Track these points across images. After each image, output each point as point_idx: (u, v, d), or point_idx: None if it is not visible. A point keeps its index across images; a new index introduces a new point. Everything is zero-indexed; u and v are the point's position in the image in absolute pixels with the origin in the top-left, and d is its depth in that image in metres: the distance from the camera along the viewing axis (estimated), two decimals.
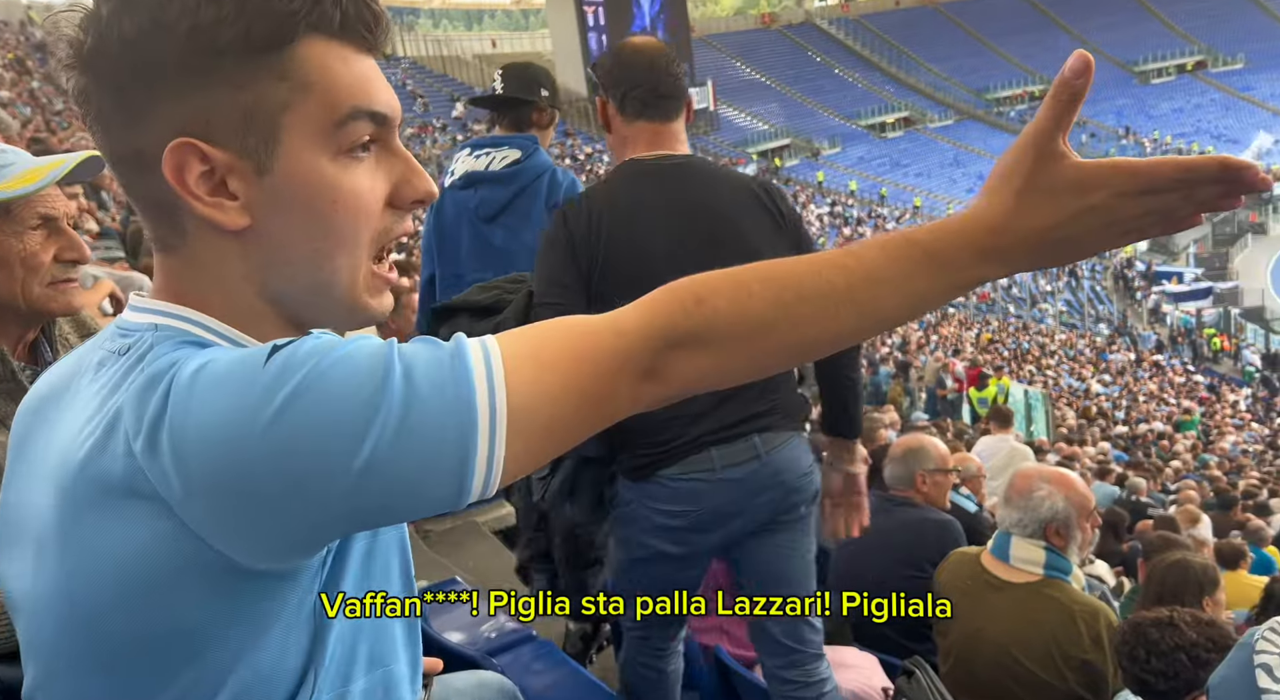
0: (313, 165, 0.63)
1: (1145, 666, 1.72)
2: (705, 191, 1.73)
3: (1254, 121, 42.21)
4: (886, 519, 2.79)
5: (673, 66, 1.78)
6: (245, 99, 0.62)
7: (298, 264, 0.66)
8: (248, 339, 0.66)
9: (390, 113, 0.67)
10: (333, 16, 0.63)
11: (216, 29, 0.60)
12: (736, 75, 46.79)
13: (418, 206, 0.70)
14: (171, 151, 0.61)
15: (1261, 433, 16.52)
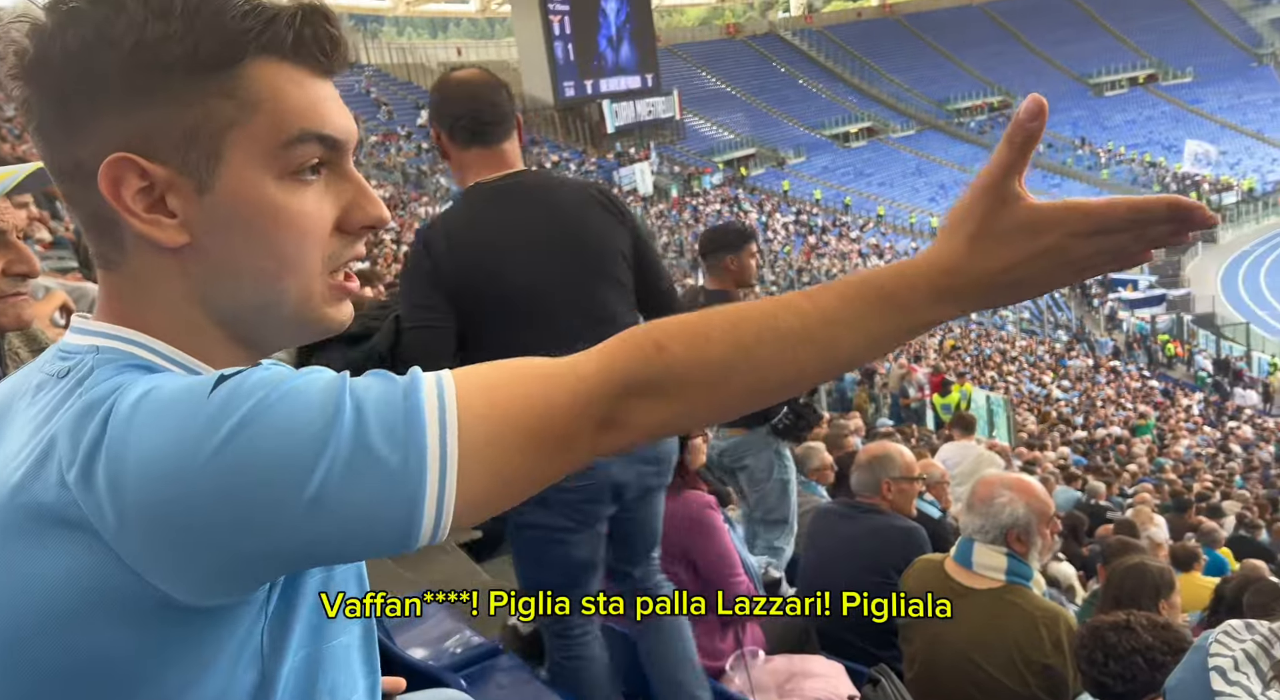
0: (256, 185, 0.62)
1: (1103, 669, 1.75)
2: (549, 200, 1.91)
3: (1202, 133, 43.40)
4: (852, 526, 2.82)
5: (494, 95, 1.92)
6: (189, 116, 0.61)
7: (241, 283, 0.64)
8: (193, 361, 0.65)
9: (342, 137, 0.66)
10: (285, 38, 0.62)
11: (162, 46, 0.59)
12: (702, 85, 47.10)
13: (367, 232, 0.68)
14: (109, 166, 0.60)
15: (1213, 436, 16.94)
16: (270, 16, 0.62)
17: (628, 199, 31.98)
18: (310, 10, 0.64)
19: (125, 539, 0.53)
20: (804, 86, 48.76)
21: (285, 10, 0.63)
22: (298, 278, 0.65)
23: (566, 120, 38.44)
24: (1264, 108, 45.27)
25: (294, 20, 0.63)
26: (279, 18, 0.62)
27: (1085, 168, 41.78)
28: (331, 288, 0.67)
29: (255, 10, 0.61)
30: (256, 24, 0.61)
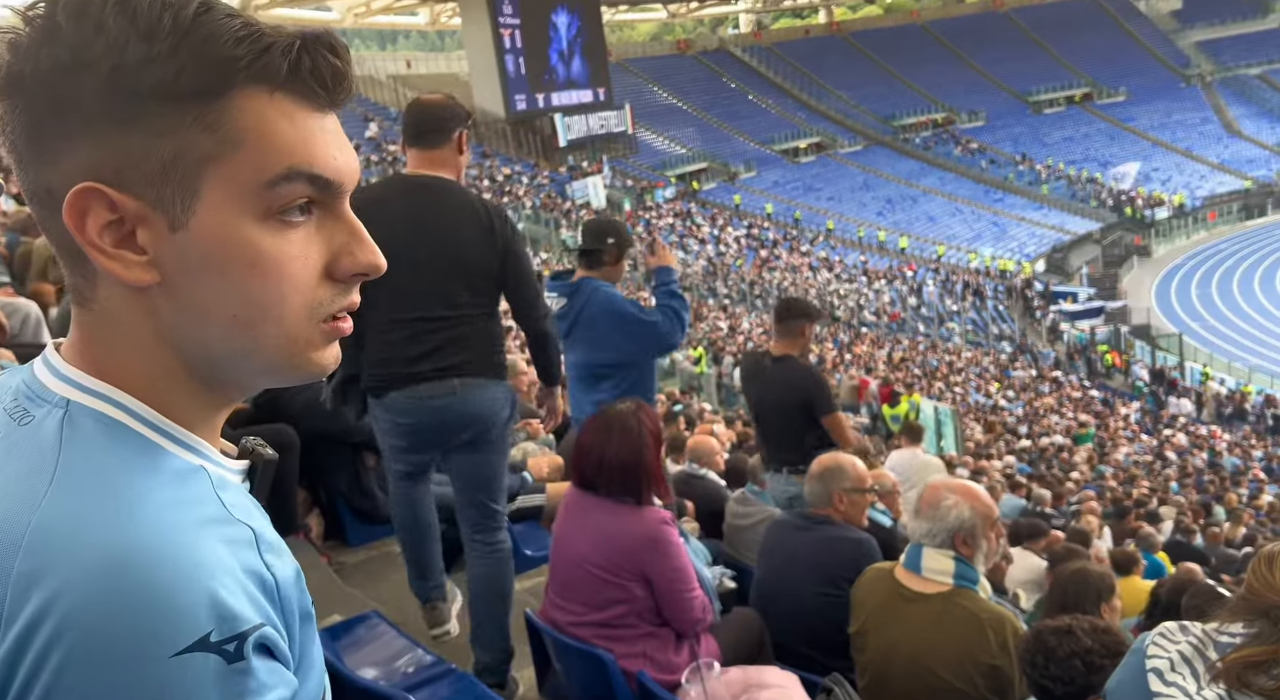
0: (233, 226, 0.57)
1: (1044, 672, 1.80)
2: (437, 204, 2.32)
3: (1136, 150, 45.08)
4: (804, 537, 2.84)
5: (440, 110, 2.38)
6: (165, 147, 0.56)
7: (212, 329, 0.59)
8: (162, 421, 0.60)
9: (334, 177, 0.60)
10: (279, 67, 0.58)
11: (142, 70, 0.55)
12: (654, 100, 47.44)
13: (358, 280, 0.63)
14: (75, 196, 0.56)
15: (1150, 444, 17.50)
16: (266, 45, 0.57)
17: (580, 212, 32.04)
18: (313, 39, 0.59)
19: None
20: (754, 102, 49.43)
21: (283, 38, 0.58)
22: (276, 326, 0.60)
23: (518, 133, 38.36)
24: (1192, 126, 47.22)
25: (291, 49, 0.58)
26: (275, 46, 0.58)
27: (1026, 183, 43.03)
28: (321, 331, 0.62)
29: (251, 37, 0.57)
30: (249, 52, 0.57)
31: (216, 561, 0.53)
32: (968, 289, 32.40)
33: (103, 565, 0.50)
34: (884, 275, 33.13)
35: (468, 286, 2.32)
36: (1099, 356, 25.77)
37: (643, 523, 2.31)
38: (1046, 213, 40.75)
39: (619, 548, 2.30)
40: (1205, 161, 44.44)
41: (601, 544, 2.33)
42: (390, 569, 3.72)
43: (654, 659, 2.33)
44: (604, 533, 2.33)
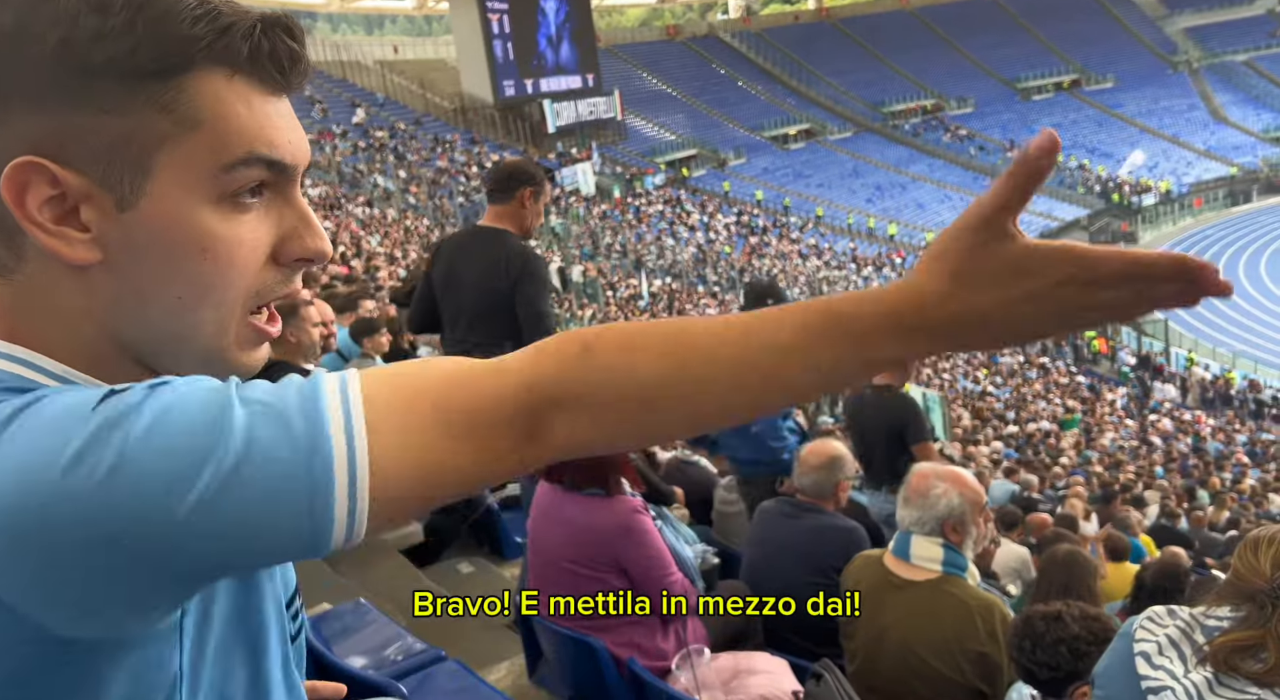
0: (186, 209, 0.56)
1: (1030, 657, 1.81)
2: (489, 250, 2.87)
3: (1124, 137, 45.22)
4: (794, 525, 2.85)
5: (509, 172, 2.98)
6: (116, 125, 0.54)
7: (152, 311, 0.58)
8: (92, 380, 0.58)
9: (290, 161, 0.59)
10: (239, 49, 0.56)
11: (94, 45, 0.52)
12: (643, 86, 47.22)
13: (304, 265, 0.62)
14: (15, 169, 0.53)
15: (1135, 429, 17.65)
16: (225, 25, 0.55)
17: (570, 199, 31.92)
18: (272, 22, 0.58)
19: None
20: (743, 88, 49.26)
21: (243, 19, 0.56)
22: (216, 311, 0.59)
23: (507, 119, 38.15)
24: (1179, 113, 47.38)
25: (252, 31, 0.56)
26: (235, 27, 0.56)
27: None
28: (250, 328, 0.61)
29: (209, 16, 0.55)
30: (209, 32, 0.55)
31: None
32: None
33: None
34: (873, 262, 33.19)
35: (501, 313, 2.82)
36: (1085, 343, 25.93)
37: (613, 513, 2.30)
38: (1035, 199, 40.37)
39: (592, 540, 2.30)
40: (1192, 148, 44.62)
41: (574, 538, 2.32)
42: (380, 557, 3.72)
43: (641, 646, 2.33)
44: (575, 526, 2.33)
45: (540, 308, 2.82)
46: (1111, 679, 1.27)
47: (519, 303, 2.80)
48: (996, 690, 2.11)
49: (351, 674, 1.90)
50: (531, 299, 2.80)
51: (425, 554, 3.94)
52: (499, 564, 3.96)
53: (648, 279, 25.13)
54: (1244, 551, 1.25)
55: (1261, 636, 1.18)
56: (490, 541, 4.17)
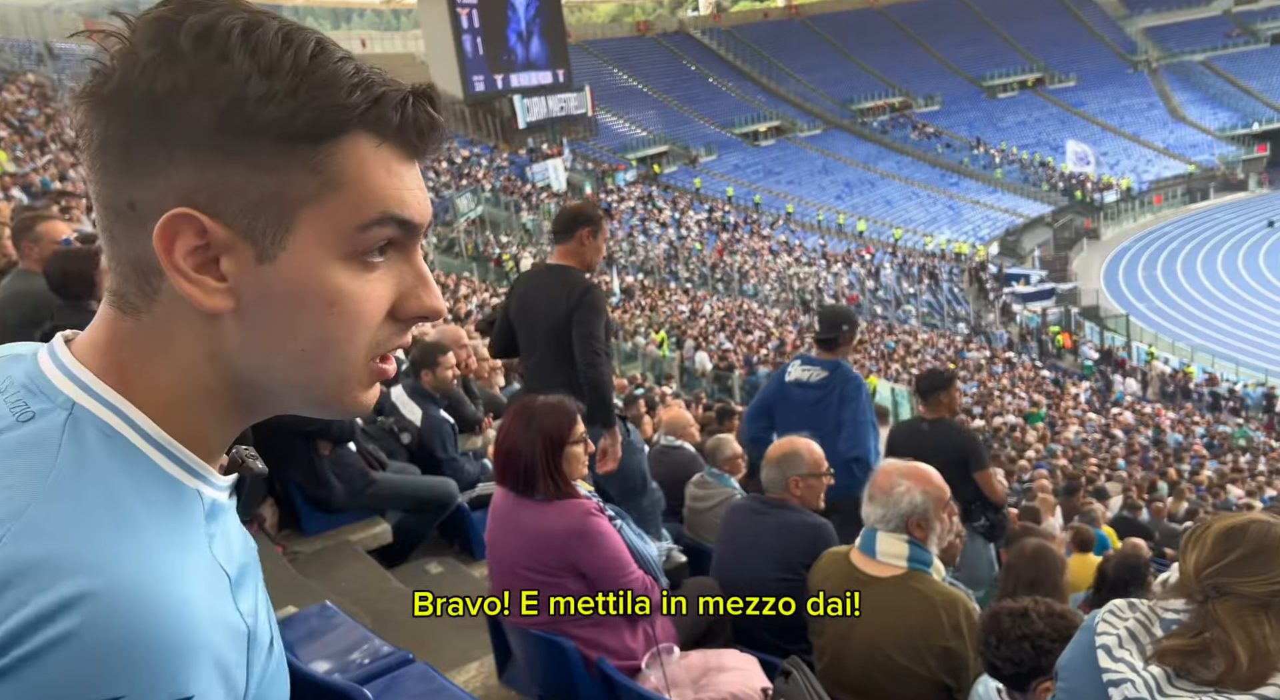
0: (321, 265, 0.58)
1: (995, 653, 1.83)
2: (553, 284, 3.26)
3: (1086, 135, 45.95)
4: (762, 522, 2.86)
5: (570, 214, 3.34)
6: (266, 182, 0.56)
7: (275, 360, 0.60)
8: (172, 444, 0.59)
9: (419, 220, 0.62)
10: (391, 119, 0.58)
11: (260, 107, 0.55)
12: (614, 82, 47.13)
13: (419, 320, 0.64)
14: (170, 219, 0.55)
15: (1099, 422, 17.97)
16: (379, 95, 0.58)
17: (541, 195, 31.78)
18: (420, 93, 0.61)
19: None
20: (714, 85, 49.36)
21: (396, 90, 0.59)
22: (339, 364, 0.61)
23: (477, 115, 37.87)
24: (1139, 112, 48.27)
25: (404, 103, 0.59)
26: (388, 97, 0.58)
27: (980, 167, 43.67)
28: (370, 372, 0.63)
29: (365, 85, 0.57)
30: (364, 101, 0.57)
31: (206, 623, 0.53)
32: (924, 272, 32.86)
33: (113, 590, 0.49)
34: (843, 258, 33.45)
35: (565, 339, 3.18)
36: (1050, 337, 26.35)
37: (567, 517, 2.28)
38: (1000, 196, 41.41)
39: (546, 546, 2.28)
40: (1151, 146, 45.49)
41: (528, 545, 2.30)
42: (347, 558, 3.68)
43: (608, 647, 2.33)
44: (528, 532, 2.31)
45: (590, 330, 3.16)
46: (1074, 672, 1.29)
47: (575, 325, 3.16)
48: (962, 684, 2.14)
49: (315, 680, 1.87)
50: (584, 322, 3.16)
51: (393, 554, 3.91)
52: (468, 564, 3.93)
53: (619, 275, 25.10)
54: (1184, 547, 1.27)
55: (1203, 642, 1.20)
56: (460, 541, 4.14)
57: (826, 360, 4.13)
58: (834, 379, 4.07)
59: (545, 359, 3.29)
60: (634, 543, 2.41)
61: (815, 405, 4.04)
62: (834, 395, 4.03)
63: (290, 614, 2.61)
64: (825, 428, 3.80)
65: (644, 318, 21.07)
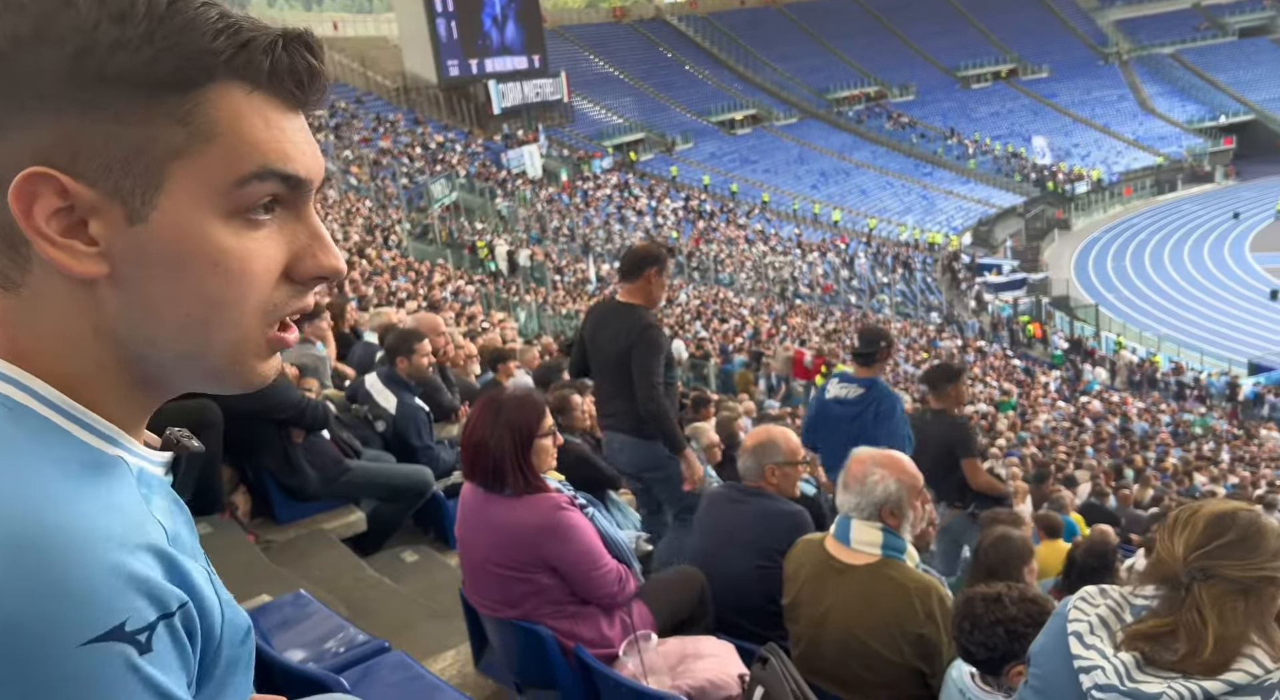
0: (197, 222, 0.55)
1: (969, 637, 1.85)
2: (619, 320, 3.49)
3: (1058, 126, 46.48)
4: (739, 510, 2.87)
5: (636, 255, 3.56)
6: (129, 136, 0.53)
7: (161, 328, 0.56)
8: (76, 408, 0.56)
9: (306, 176, 0.59)
10: (260, 64, 0.55)
11: (112, 54, 0.51)
12: (590, 68, 46.84)
13: (318, 282, 0.61)
14: (24, 180, 0.52)
15: (1068, 411, 18.25)
16: (246, 39, 0.55)
17: (516, 182, 31.56)
18: (293, 37, 0.57)
19: None
20: (690, 72, 49.21)
21: (264, 34, 0.56)
22: (229, 329, 0.58)
23: (451, 99, 37.47)
24: (1110, 103, 48.86)
25: (273, 47, 0.56)
26: (256, 41, 0.55)
27: (954, 157, 44.00)
28: (267, 340, 0.60)
29: (230, 29, 0.54)
30: (229, 46, 0.54)
31: (130, 538, 0.50)
32: (898, 261, 33.10)
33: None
34: (818, 248, 33.60)
35: (626, 370, 3.43)
36: (1021, 327, 26.68)
37: (536, 512, 2.26)
38: (973, 187, 41.77)
39: (516, 542, 2.27)
40: (1121, 138, 46.07)
41: (499, 541, 2.29)
42: (320, 546, 3.65)
43: (585, 637, 2.33)
44: (498, 528, 2.29)
45: (648, 367, 3.40)
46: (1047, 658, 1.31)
47: (634, 362, 3.40)
48: (935, 669, 2.17)
49: (290, 669, 1.86)
50: (643, 359, 3.40)
51: (368, 543, 3.88)
52: (443, 552, 3.92)
53: (596, 263, 25.03)
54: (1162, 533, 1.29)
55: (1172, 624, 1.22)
56: (435, 529, 4.12)
57: (863, 378, 4.34)
58: (870, 396, 4.26)
59: (610, 387, 3.57)
60: (607, 530, 2.41)
61: (853, 421, 4.21)
62: (870, 412, 4.21)
63: (264, 603, 2.59)
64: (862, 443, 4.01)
65: None
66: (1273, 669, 1.16)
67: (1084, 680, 1.20)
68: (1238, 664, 1.17)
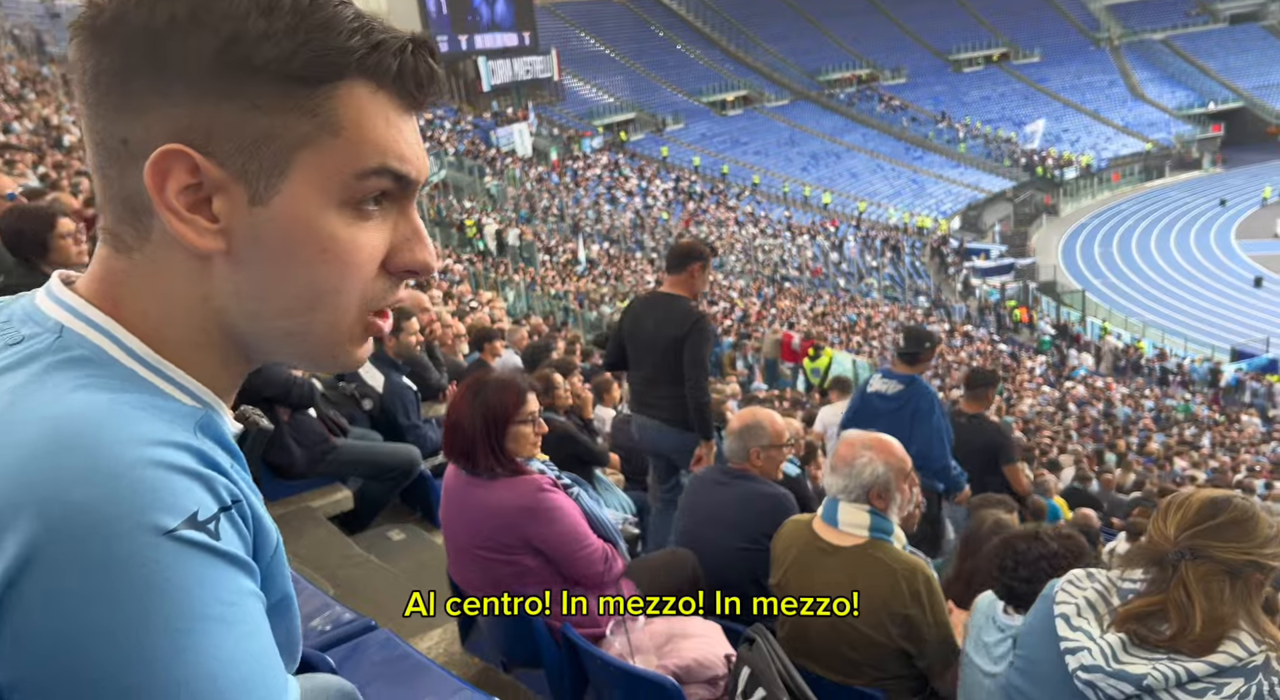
0: (314, 209, 0.58)
1: (1013, 574, 1.88)
2: (666, 311, 3.67)
3: (1048, 111, 46.48)
4: (724, 492, 2.88)
5: (682, 250, 3.79)
6: (262, 123, 0.56)
7: (267, 307, 0.59)
8: (169, 367, 0.58)
9: (416, 176, 0.62)
10: (389, 65, 0.59)
11: (258, 45, 0.55)
12: (581, 46, 46.43)
13: (410, 276, 0.64)
14: (161, 155, 0.55)
15: (1053, 396, 18.38)
16: (379, 41, 0.58)
17: (506, 160, 31.32)
18: (420, 42, 0.61)
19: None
20: (682, 52, 48.87)
21: (395, 37, 0.59)
22: (331, 313, 0.61)
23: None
24: (1100, 89, 48.88)
25: (402, 50, 0.59)
26: (387, 43, 0.58)
27: (945, 141, 43.98)
28: (364, 326, 0.63)
29: (364, 29, 0.58)
30: (364, 45, 0.57)
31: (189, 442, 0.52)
32: (886, 245, 33.13)
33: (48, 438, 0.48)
34: (807, 231, 33.57)
35: (675, 359, 3.60)
36: (1008, 312, 26.81)
37: (517, 495, 2.26)
38: (963, 171, 41.79)
39: (499, 525, 2.26)
40: (1111, 124, 46.15)
41: (481, 525, 2.29)
42: (308, 524, 3.64)
43: (572, 617, 2.33)
44: (480, 511, 2.29)
45: (699, 356, 3.60)
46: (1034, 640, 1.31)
47: (686, 350, 3.59)
48: (921, 650, 2.18)
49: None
50: (695, 348, 3.59)
51: (354, 521, 3.87)
52: (430, 531, 3.91)
53: (585, 244, 24.94)
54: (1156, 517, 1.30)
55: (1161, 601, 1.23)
56: (422, 508, 4.11)
57: (904, 375, 4.49)
58: (909, 393, 4.42)
59: (655, 374, 3.72)
60: (592, 509, 2.40)
61: (892, 416, 4.35)
62: (908, 408, 4.37)
63: None
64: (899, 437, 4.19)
65: (609, 287, 20.99)
66: (1256, 652, 1.17)
67: (1070, 661, 1.21)
68: (1223, 646, 1.18)
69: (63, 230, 2.84)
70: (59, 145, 13.94)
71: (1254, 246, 31.06)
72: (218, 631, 0.48)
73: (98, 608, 0.45)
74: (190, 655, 0.46)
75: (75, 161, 12.21)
